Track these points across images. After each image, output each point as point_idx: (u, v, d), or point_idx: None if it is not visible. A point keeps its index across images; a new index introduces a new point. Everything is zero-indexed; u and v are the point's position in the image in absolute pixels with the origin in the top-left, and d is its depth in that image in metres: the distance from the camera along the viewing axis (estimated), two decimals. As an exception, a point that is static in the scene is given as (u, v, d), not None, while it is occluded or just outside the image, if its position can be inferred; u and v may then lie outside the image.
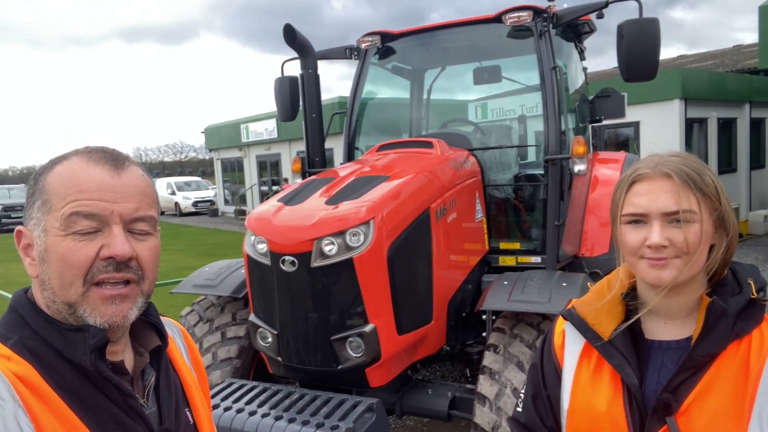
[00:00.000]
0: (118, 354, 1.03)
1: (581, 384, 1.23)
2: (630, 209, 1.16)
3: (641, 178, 1.16)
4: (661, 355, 1.18)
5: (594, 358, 1.23)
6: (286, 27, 3.89)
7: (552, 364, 1.31)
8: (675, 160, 1.15)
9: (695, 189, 1.12)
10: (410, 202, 3.00)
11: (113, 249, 0.94)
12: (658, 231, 1.12)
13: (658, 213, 1.12)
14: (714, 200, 1.13)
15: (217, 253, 12.37)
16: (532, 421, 1.33)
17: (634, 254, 1.16)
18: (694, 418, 1.09)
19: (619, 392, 1.17)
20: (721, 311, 1.11)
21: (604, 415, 1.18)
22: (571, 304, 1.31)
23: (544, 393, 1.31)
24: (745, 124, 14.76)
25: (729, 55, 21.36)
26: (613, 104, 4.83)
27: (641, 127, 13.04)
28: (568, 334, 1.30)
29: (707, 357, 1.11)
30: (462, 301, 3.56)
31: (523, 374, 2.75)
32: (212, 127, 26.99)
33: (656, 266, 1.12)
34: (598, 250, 4.45)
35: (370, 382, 2.85)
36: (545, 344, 1.36)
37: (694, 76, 13.73)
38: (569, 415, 1.24)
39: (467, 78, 5.20)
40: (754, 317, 1.13)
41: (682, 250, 1.11)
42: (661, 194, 1.12)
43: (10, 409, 0.83)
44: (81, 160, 0.98)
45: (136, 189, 1.00)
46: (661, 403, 1.12)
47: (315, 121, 4.27)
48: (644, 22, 3.46)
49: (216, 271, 3.69)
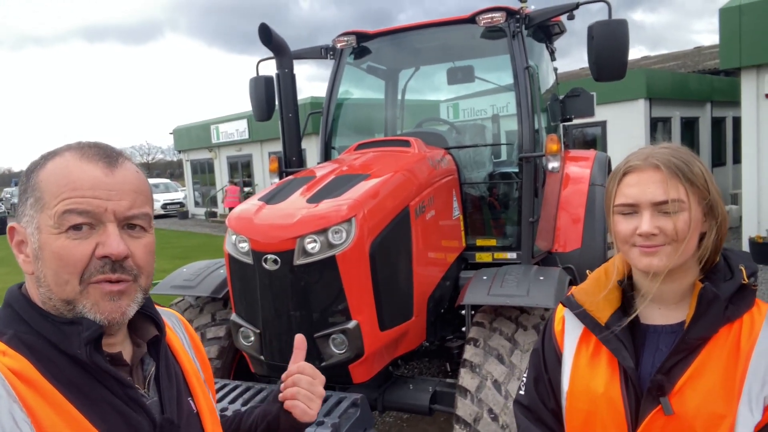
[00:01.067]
0: (115, 345, 1.03)
1: (580, 367, 1.29)
2: (621, 199, 1.22)
3: (632, 169, 1.22)
4: (655, 339, 1.24)
5: (592, 342, 1.29)
6: (261, 26, 3.88)
7: (552, 349, 1.37)
8: (664, 152, 1.21)
9: (683, 179, 1.18)
10: (390, 200, 3.04)
11: (108, 248, 0.94)
12: (648, 220, 1.18)
13: (647, 203, 1.18)
14: (702, 189, 1.19)
15: (190, 256, 12.20)
16: (535, 403, 1.39)
17: (626, 242, 1.22)
18: (687, 398, 1.16)
19: (616, 375, 1.24)
20: (712, 296, 1.17)
21: (602, 396, 1.24)
22: (571, 292, 1.37)
23: (546, 376, 1.37)
24: (707, 123, 15.25)
25: (690, 56, 22.02)
26: (582, 103, 4.96)
27: (608, 126, 13.38)
28: (567, 320, 1.36)
29: (699, 340, 1.17)
30: (441, 298, 3.61)
31: (503, 367, 2.82)
32: (181, 128, 26.57)
33: (647, 253, 1.18)
34: (571, 246, 4.57)
35: (354, 378, 2.87)
36: (546, 330, 1.42)
37: (658, 76, 14.14)
38: (569, 396, 1.30)
39: (441, 78, 5.27)
40: (745, 302, 1.19)
41: (672, 238, 1.17)
42: (650, 185, 1.18)
43: (5, 404, 0.83)
44: (74, 157, 0.97)
45: (130, 186, 0.99)
46: (656, 385, 1.18)
47: (291, 121, 4.27)
48: (614, 24, 3.57)
49: (195, 271, 3.66)
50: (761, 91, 9.63)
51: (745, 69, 9.70)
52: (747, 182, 10.08)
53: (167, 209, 27.27)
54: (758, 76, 9.61)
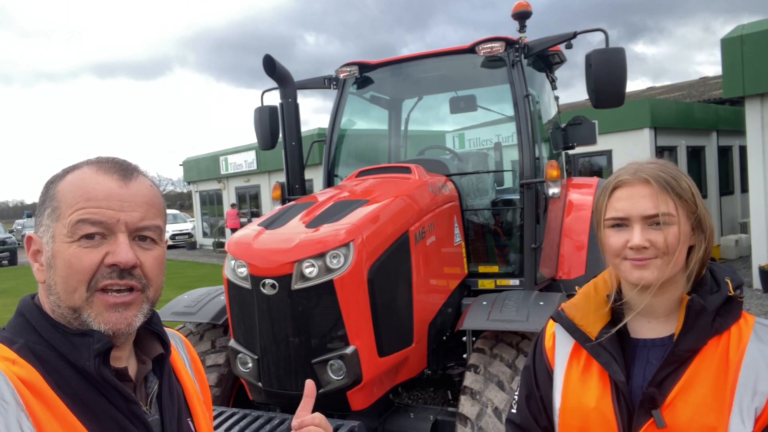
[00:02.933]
0: (121, 360, 1.03)
1: (571, 383, 1.29)
2: (612, 213, 1.23)
3: (622, 184, 1.23)
4: (646, 353, 1.24)
5: (583, 357, 1.29)
6: (266, 57, 3.97)
7: (543, 366, 1.36)
8: (653, 167, 1.23)
9: (672, 193, 1.19)
10: (389, 225, 3.04)
11: (117, 256, 0.96)
12: (639, 233, 1.18)
13: (638, 216, 1.19)
14: (690, 204, 1.21)
15: (196, 286, 12.12)
16: (527, 421, 1.37)
17: (617, 256, 1.23)
18: (679, 411, 1.15)
19: (607, 389, 1.23)
20: (700, 308, 1.17)
21: (594, 411, 1.23)
22: (561, 307, 1.37)
23: (537, 393, 1.36)
24: (713, 151, 15.22)
25: (695, 86, 22.16)
26: (584, 131, 4.98)
27: (613, 155, 13.39)
28: (558, 336, 1.36)
29: (689, 352, 1.17)
30: (443, 325, 3.58)
31: (504, 393, 2.77)
32: (191, 160, 26.90)
33: (638, 266, 1.19)
34: (575, 273, 4.53)
35: (352, 406, 2.83)
36: (536, 346, 1.42)
37: (662, 105, 14.21)
38: (561, 413, 1.29)
39: (444, 108, 5.33)
40: (732, 314, 1.19)
41: (662, 251, 1.17)
42: (640, 199, 1.20)
43: (13, 412, 0.84)
44: (91, 170, 1.00)
45: (143, 199, 1.01)
46: (647, 398, 1.17)
47: (295, 149, 4.32)
48: (611, 52, 3.62)
49: (195, 298, 3.67)
50: (765, 119, 9.65)
51: (749, 98, 9.74)
52: (755, 211, 10.01)
53: (176, 240, 27.41)
54: (762, 105, 9.64)
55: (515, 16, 4.36)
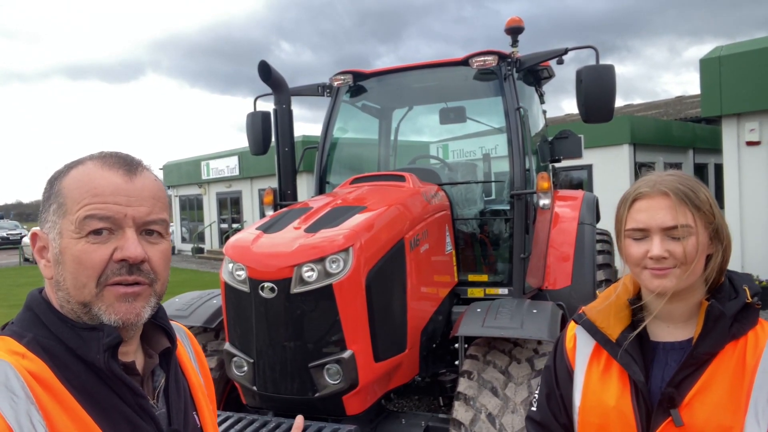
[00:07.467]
0: (129, 355, 1.04)
1: (592, 382, 1.34)
2: (632, 224, 1.28)
3: (642, 196, 1.29)
4: (664, 355, 1.30)
5: (603, 358, 1.34)
6: (261, 63, 4.01)
7: (564, 365, 1.42)
8: (671, 179, 1.28)
9: (691, 205, 1.25)
10: (386, 232, 3.08)
11: (126, 251, 0.96)
12: (658, 244, 1.24)
13: (657, 228, 1.25)
14: (708, 214, 1.26)
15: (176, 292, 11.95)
16: (547, 418, 1.43)
17: (637, 265, 1.28)
18: (696, 411, 1.21)
19: (627, 389, 1.28)
20: (719, 314, 1.23)
21: (613, 409, 1.29)
22: (582, 310, 1.43)
23: (557, 392, 1.42)
24: (690, 168, 15.61)
25: (673, 105, 22.70)
26: (571, 145, 5.09)
27: (594, 169, 13.65)
28: (579, 337, 1.42)
29: (707, 355, 1.23)
30: (433, 332, 3.62)
31: (497, 399, 2.82)
32: (171, 164, 26.61)
33: (658, 276, 1.24)
34: (561, 283, 4.62)
35: (347, 410, 2.85)
36: (557, 347, 1.47)
37: (641, 123, 14.54)
38: (581, 411, 1.35)
39: (433, 118, 5.41)
40: (749, 320, 1.25)
41: (681, 261, 1.23)
42: (659, 211, 1.25)
43: (23, 405, 0.84)
44: (96, 165, 1.00)
45: (149, 193, 1.02)
46: (666, 397, 1.23)
47: (288, 155, 4.34)
48: (601, 68, 3.73)
49: (187, 301, 3.65)
50: (742, 138, 9.93)
51: (726, 117, 10.03)
52: (730, 227, 10.24)
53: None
54: (738, 124, 9.92)
55: (508, 31, 4.47)
